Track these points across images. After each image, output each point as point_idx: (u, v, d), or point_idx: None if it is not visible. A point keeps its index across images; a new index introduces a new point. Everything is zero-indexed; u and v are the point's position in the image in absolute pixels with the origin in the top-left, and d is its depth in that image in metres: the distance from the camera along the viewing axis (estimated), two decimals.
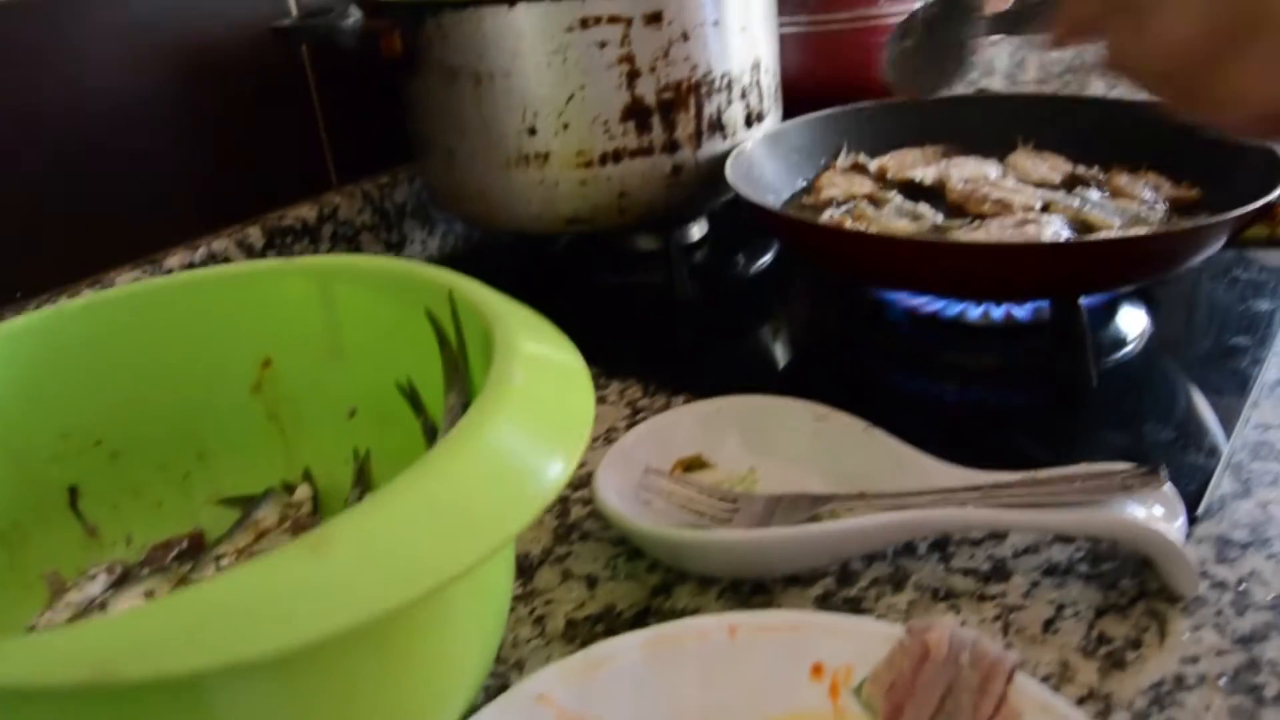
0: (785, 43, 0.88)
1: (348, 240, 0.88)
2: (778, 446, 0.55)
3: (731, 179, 0.69)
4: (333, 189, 0.88)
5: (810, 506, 0.49)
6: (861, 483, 0.50)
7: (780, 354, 0.70)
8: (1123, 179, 0.73)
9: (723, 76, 0.74)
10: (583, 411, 0.34)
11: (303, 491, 0.49)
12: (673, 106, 0.72)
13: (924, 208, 0.72)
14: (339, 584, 0.24)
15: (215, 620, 0.22)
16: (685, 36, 0.71)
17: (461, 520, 0.28)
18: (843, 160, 0.81)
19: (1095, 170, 0.76)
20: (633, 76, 0.70)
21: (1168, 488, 0.45)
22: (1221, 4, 0.36)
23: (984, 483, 0.47)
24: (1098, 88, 1.15)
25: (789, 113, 0.85)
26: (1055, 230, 0.65)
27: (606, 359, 0.68)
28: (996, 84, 1.22)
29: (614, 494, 0.50)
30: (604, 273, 0.84)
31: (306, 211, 0.85)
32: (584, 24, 0.69)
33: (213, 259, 0.78)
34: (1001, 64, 1.25)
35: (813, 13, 0.97)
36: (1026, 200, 0.70)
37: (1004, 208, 0.69)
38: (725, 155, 0.73)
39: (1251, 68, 0.36)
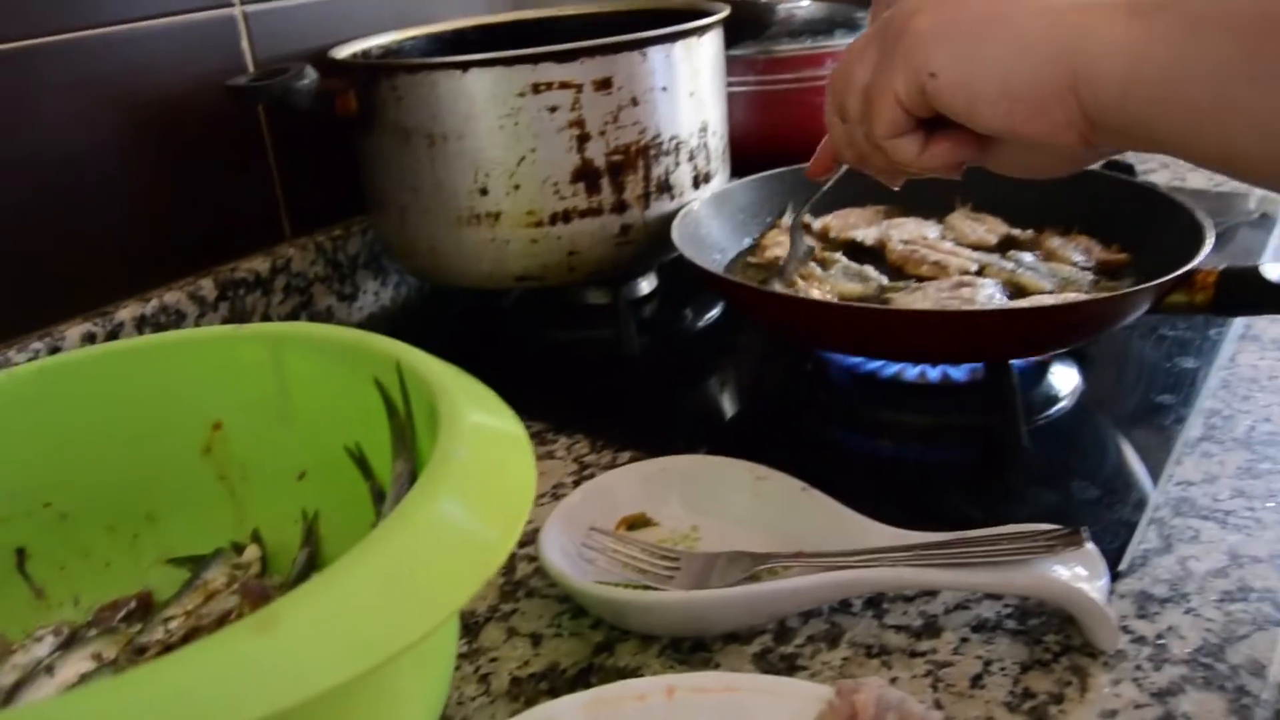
0: (734, 101, 0.91)
1: (300, 291, 0.89)
2: (719, 505, 0.56)
3: (678, 240, 0.71)
4: (286, 241, 0.89)
5: (750, 565, 0.50)
6: (799, 542, 0.51)
7: (726, 409, 0.72)
8: (1055, 242, 0.76)
9: (671, 139, 0.76)
10: (525, 482, 0.36)
11: (251, 552, 0.50)
12: (622, 169, 0.74)
13: (870, 270, 0.75)
14: (286, 662, 0.25)
15: (161, 705, 0.23)
16: (634, 101, 0.73)
17: (407, 595, 0.29)
18: (787, 219, 0.84)
19: (1029, 233, 0.79)
20: (583, 140, 0.72)
21: (1090, 547, 0.47)
22: (880, 40, 0.46)
23: (916, 542, 0.49)
24: None
25: (738, 170, 0.88)
26: (989, 294, 0.67)
27: (555, 414, 0.69)
28: None
29: (558, 552, 0.51)
30: (554, 327, 0.86)
31: (259, 264, 0.85)
32: (535, 89, 0.71)
33: (164, 311, 0.78)
34: None
35: (760, 73, 1.00)
36: (963, 263, 0.73)
37: (941, 270, 0.72)
38: (673, 215, 0.76)
39: (897, 67, 0.45)
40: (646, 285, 0.88)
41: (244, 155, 0.85)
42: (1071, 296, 0.67)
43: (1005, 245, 0.77)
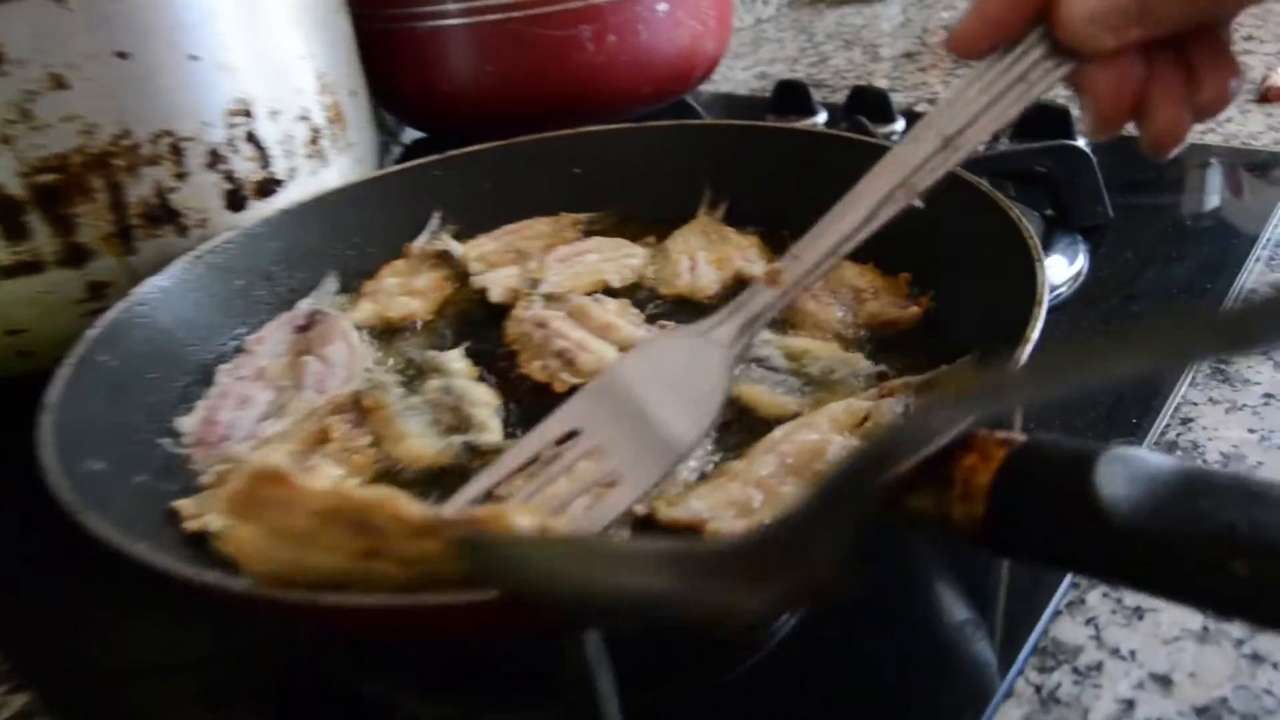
0: (420, 40, 0.59)
1: None
2: None
3: (59, 389, 0.34)
4: None
5: None
6: None
7: None
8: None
9: (158, 138, 0.45)
10: None
11: None
12: (60, 195, 0.43)
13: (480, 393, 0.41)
14: None
15: None
16: (59, 83, 0.42)
17: None
18: (422, 240, 0.52)
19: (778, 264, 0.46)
20: None
21: None
22: None
23: None
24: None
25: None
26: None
27: None
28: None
29: None
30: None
31: None
32: None
33: None
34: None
35: None
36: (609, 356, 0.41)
37: (575, 369, 0.40)
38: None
39: None
40: None
41: None
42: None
43: (737, 289, 0.46)
